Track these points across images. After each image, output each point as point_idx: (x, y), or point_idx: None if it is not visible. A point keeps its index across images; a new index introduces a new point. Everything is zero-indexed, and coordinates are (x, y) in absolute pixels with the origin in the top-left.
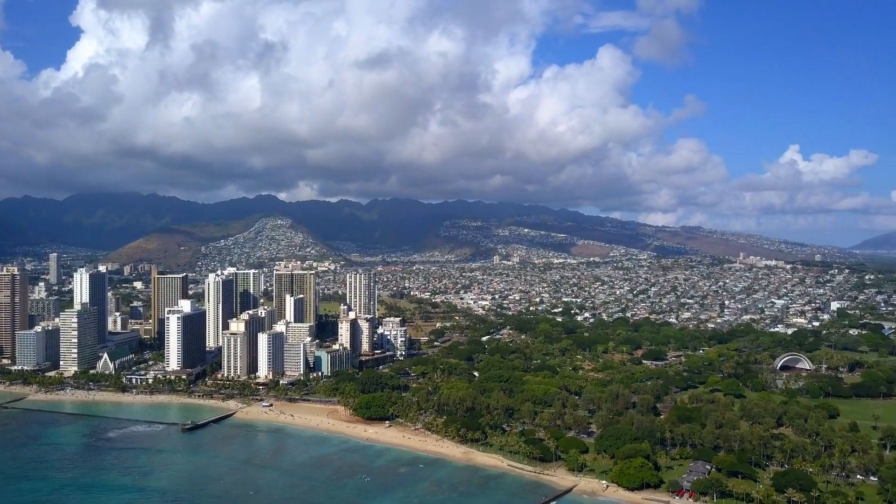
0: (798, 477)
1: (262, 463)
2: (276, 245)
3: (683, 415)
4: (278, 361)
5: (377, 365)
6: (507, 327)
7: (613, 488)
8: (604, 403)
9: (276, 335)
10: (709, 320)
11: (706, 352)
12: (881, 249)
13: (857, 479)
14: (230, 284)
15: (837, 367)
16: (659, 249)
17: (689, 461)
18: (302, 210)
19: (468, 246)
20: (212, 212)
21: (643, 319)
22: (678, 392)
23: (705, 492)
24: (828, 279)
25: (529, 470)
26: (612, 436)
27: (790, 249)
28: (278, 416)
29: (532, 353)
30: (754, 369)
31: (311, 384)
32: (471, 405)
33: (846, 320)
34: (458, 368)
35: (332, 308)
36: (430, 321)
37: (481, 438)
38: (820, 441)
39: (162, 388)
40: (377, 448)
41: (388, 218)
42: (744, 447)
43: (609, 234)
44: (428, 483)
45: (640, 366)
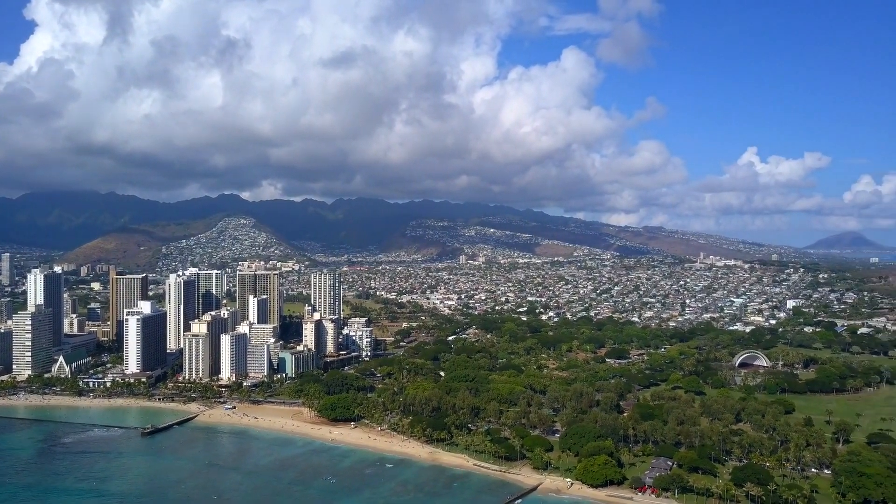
0: (756, 471)
1: (225, 466)
2: (239, 245)
3: (646, 412)
4: (241, 363)
5: (342, 366)
6: (474, 327)
7: (578, 486)
8: (568, 402)
9: (240, 336)
10: (670, 319)
11: (668, 350)
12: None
13: (812, 473)
14: (192, 285)
15: (793, 363)
16: (622, 249)
17: (652, 458)
18: (266, 209)
19: (434, 246)
20: (173, 211)
21: (606, 318)
22: (641, 390)
23: (667, 488)
24: (784, 278)
25: (495, 469)
26: (577, 434)
27: (748, 249)
28: (242, 418)
29: (498, 352)
30: (714, 367)
31: (275, 386)
32: (437, 405)
33: (801, 318)
34: (424, 368)
35: (297, 309)
36: (397, 321)
37: (447, 438)
38: (776, 436)
39: (121, 391)
40: (342, 449)
41: (353, 218)
42: (704, 443)
43: (573, 234)
44: (394, 484)
45: (604, 364)
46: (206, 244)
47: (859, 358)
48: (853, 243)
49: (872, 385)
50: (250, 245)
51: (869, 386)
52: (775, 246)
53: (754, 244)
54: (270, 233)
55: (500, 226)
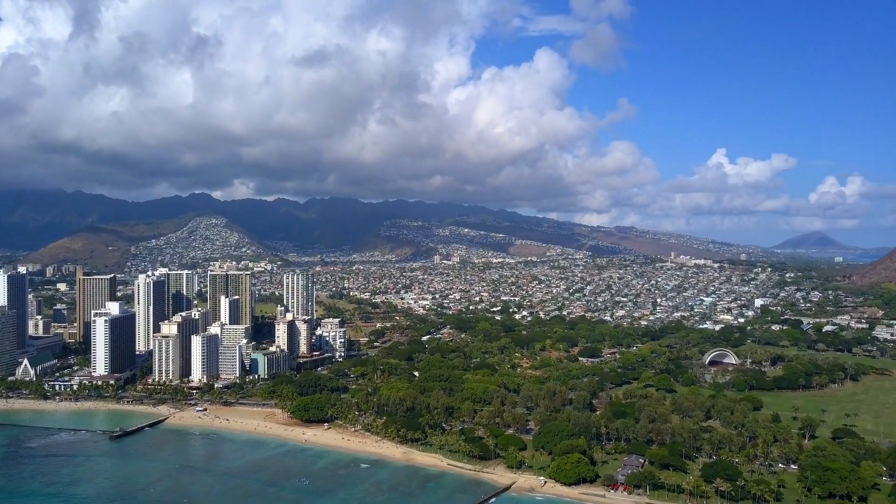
0: (725, 467)
1: (196, 469)
2: (210, 245)
3: (618, 410)
4: (213, 364)
5: (316, 367)
6: (448, 326)
7: (551, 484)
8: (541, 401)
9: (211, 337)
10: (642, 318)
11: (639, 348)
12: (800, 249)
13: (780, 468)
14: (162, 285)
15: (761, 361)
16: (594, 249)
17: (624, 455)
18: (237, 209)
19: (409, 246)
20: (142, 210)
21: (579, 317)
22: (613, 388)
23: (639, 485)
24: (752, 277)
25: (469, 468)
26: (550, 432)
27: (717, 249)
28: (213, 420)
29: (472, 351)
30: (684, 365)
31: (247, 387)
32: (411, 405)
33: (769, 316)
34: (398, 369)
35: (269, 309)
36: (370, 322)
37: (421, 438)
38: (745, 432)
39: (88, 394)
40: (316, 450)
41: (326, 217)
42: (675, 440)
43: (546, 234)
44: (368, 484)
45: (577, 363)
46: (177, 244)
47: (824, 355)
48: (818, 243)
49: (837, 381)
50: (222, 245)
51: (834, 382)
52: (744, 245)
53: (723, 244)
54: (242, 232)
55: (475, 226)
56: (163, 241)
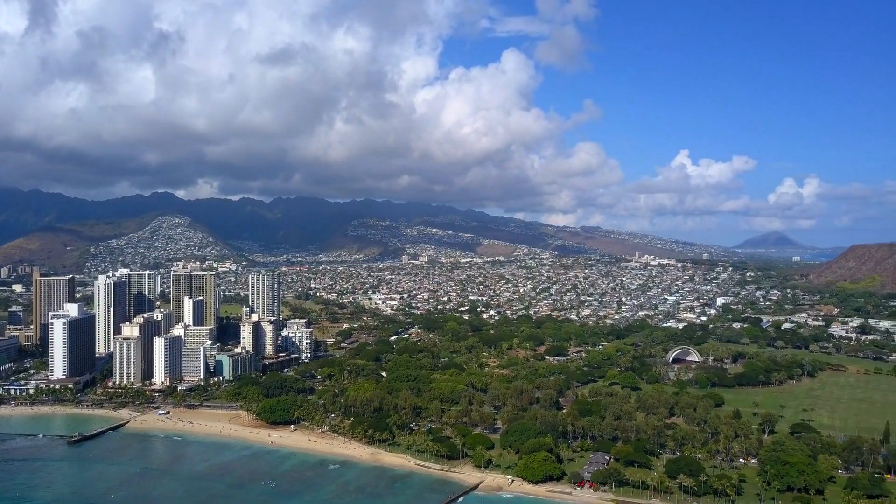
0: (688, 463)
1: (159, 473)
2: (173, 245)
3: (584, 408)
4: (176, 367)
5: (282, 368)
6: (416, 326)
7: (518, 482)
8: (509, 399)
9: (174, 339)
10: (607, 316)
11: (605, 347)
12: (760, 248)
13: (740, 463)
14: (123, 286)
15: (722, 358)
16: (560, 249)
17: (590, 453)
18: (201, 208)
19: (376, 245)
20: (102, 209)
21: (546, 316)
22: (579, 386)
23: (604, 481)
24: (714, 276)
25: (437, 468)
26: (517, 431)
27: (680, 248)
28: (176, 423)
29: (440, 351)
30: (649, 362)
31: (211, 389)
32: (378, 405)
33: (730, 315)
34: (365, 369)
35: (234, 310)
36: (337, 322)
37: (389, 438)
38: (707, 428)
39: (45, 398)
40: (282, 452)
41: (292, 217)
42: (639, 437)
43: (513, 234)
44: (335, 486)
45: (543, 362)
46: (139, 244)
47: (783, 352)
48: (777, 243)
49: (795, 377)
50: (185, 245)
51: (792, 378)
52: (706, 245)
53: (686, 244)
54: (206, 232)
55: (443, 226)
56: (124, 241)
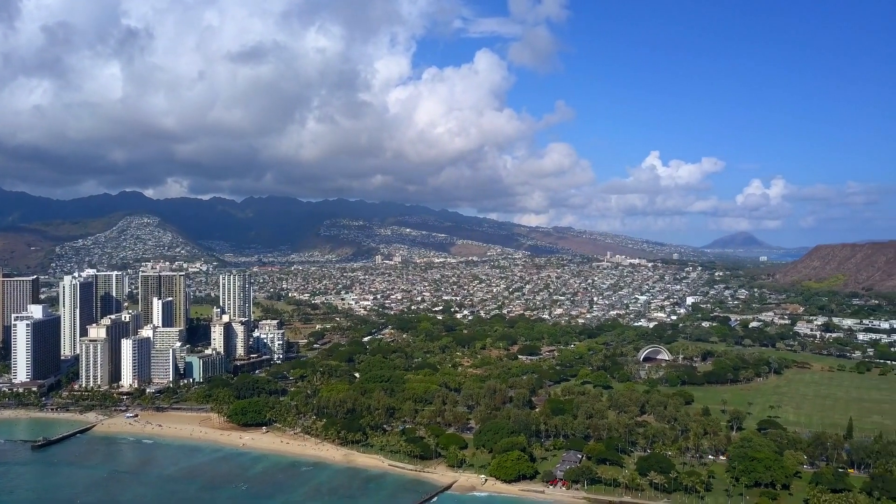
0: (658, 460)
1: (127, 477)
2: (142, 245)
3: (557, 407)
4: (144, 369)
5: (253, 369)
6: (389, 327)
7: (492, 482)
8: (482, 399)
9: (142, 341)
10: (579, 316)
11: (577, 346)
12: (728, 248)
13: (709, 459)
14: (89, 287)
15: (692, 357)
16: (532, 249)
17: (563, 451)
18: (171, 208)
19: (349, 245)
20: (68, 209)
21: (519, 316)
22: (552, 385)
23: (577, 480)
24: (684, 276)
25: (410, 468)
26: (490, 430)
27: (651, 248)
28: (144, 427)
29: (413, 351)
30: (620, 361)
31: (181, 392)
32: (351, 406)
33: (699, 314)
34: (338, 370)
35: (205, 311)
36: (310, 323)
37: (362, 439)
38: (678, 426)
39: (8, 402)
40: (254, 455)
41: (264, 216)
42: (611, 435)
43: (486, 234)
44: (307, 488)
45: (516, 361)
46: (106, 244)
47: (750, 350)
48: (745, 243)
49: (762, 375)
50: (154, 245)
51: (759, 376)
52: (676, 245)
53: (657, 244)
54: (176, 232)
55: (416, 225)
56: (90, 240)
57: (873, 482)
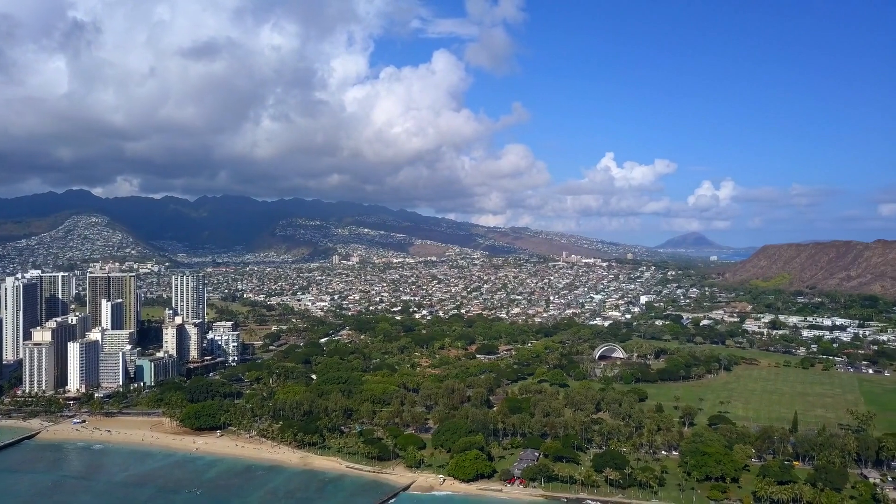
0: (614, 457)
1: (73, 486)
2: (90, 245)
3: (514, 406)
4: (92, 373)
5: (207, 372)
6: (347, 328)
7: (450, 481)
8: (440, 399)
9: (90, 344)
10: (536, 315)
11: (534, 345)
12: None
13: (663, 455)
14: (33, 289)
15: (646, 354)
16: (490, 249)
17: (520, 450)
18: (120, 207)
19: (306, 246)
20: (10, 208)
21: (477, 315)
22: (509, 384)
23: (534, 478)
24: (638, 276)
25: (368, 470)
26: (449, 430)
27: (606, 248)
28: (93, 432)
29: (371, 352)
30: (576, 360)
31: (131, 396)
32: (308, 408)
33: (653, 312)
34: (294, 372)
35: (157, 313)
36: (266, 324)
37: (319, 442)
38: (632, 423)
39: None
40: (207, 459)
41: (218, 216)
42: (568, 433)
43: (445, 234)
44: (263, 491)
45: (475, 360)
46: (51, 244)
47: (701, 348)
48: (696, 243)
49: (713, 372)
50: (103, 245)
51: (710, 373)
52: (630, 245)
53: (611, 243)
54: (126, 232)
55: (374, 225)
56: (35, 240)
57: (817, 473)
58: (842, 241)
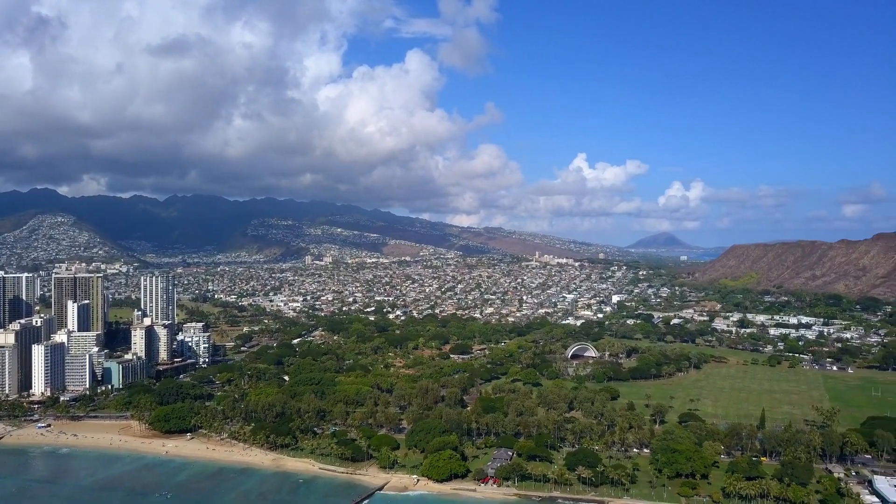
0: (586, 455)
1: (39, 491)
2: (55, 245)
3: (488, 405)
4: (58, 376)
5: (177, 374)
6: (320, 329)
7: (424, 482)
8: (414, 399)
9: (56, 346)
10: (509, 314)
11: (507, 344)
12: (651, 248)
13: (634, 452)
14: None
15: (618, 353)
16: (464, 249)
17: (494, 449)
18: (87, 206)
19: (278, 246)
20: None
21: (451, 315)
22: (483, 384)
23: (508, 477)
24: (609, 275)
25: (342, 471)
26: (422, 430)
27: (578, 248)
28: (58, 437)
29: (345, 353)
30: (549, 359)
31: (99, 399)
32: (281, 410)
33: (624, 311)
34: (267, 373)
35: (125, 314)
36: (237, 326)
37: (292, 443)
38: (604, 421)
39: None
40: (177, 463)
41: (188, 216)
42: (541, 432)
43: (419, 234)
44: (235, 494)
45: (448, 360)
46: (15, 244)
47: (672, 346)
48: (666, 243)
49: (683, 370)
50: (69, 245)
51: (680, 371)
52: (601, 245)
53: (583, 243)
54: (93, 232)
55: (348, 225)
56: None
57: (783, 469)
58: (807, 241)
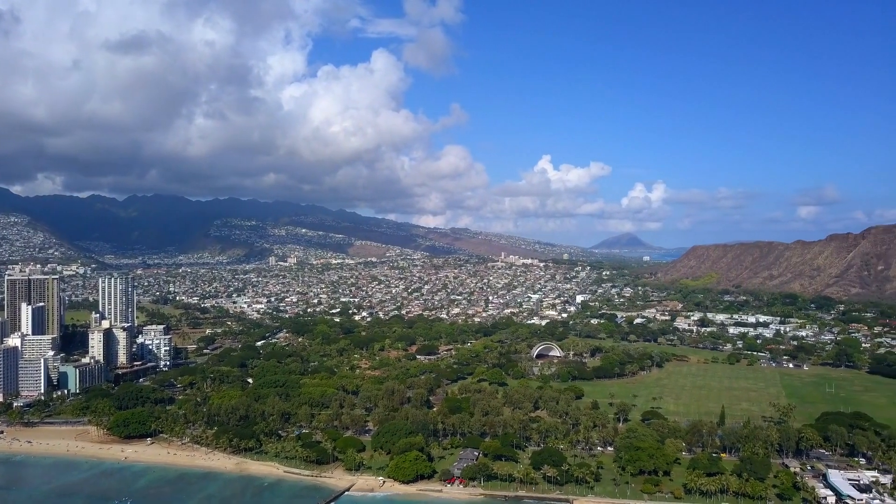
0: (551, 454)
1: None
2: (8, 246)
3: (454, 405)
4: (11, 381)
5: (137, 378)
6: (284, 330)
7: (390, 483)
8: (380, 401)
9: (8, 350)
10: (475, 315)
11: (473, 344)
12: (614, 249)
13: (599, 451)
14: None
15: (582, 353)
16: (430, 249)
17: (460, 449)
18: (42, 206)
19: (241, 246)
20: None
21: (417, 316)
22: (449, 384)
23: (474, 477)
24: (574, 276)
25: (307, 474)
26: (388, 432)
27: (543, 249)
28: (11, 444)
29: (309, 355)
30: (515, 359)
31: (54, 404)
32: (244, 413)
33: (588, 311)
34: (230, 376)
35: (83, 317)
36: (199, 328)
37: (256, 447)
38: (569, 420)
39: None
40: (137, 468)
41: (149, 216)
42: (506, 432)
43: (385, 234)
44: (197, 499)
45: (415, 361)
46: None
47: (635, 345)
48: (629, 243)
49: (646, 369)
50: (23, 246)
51: (643, 370)
52: (566, 246)
53: (548, 244)
54: (49, 232)
55: (313, 226)
56: None
57: (742, 464)
58: (765, 241)
